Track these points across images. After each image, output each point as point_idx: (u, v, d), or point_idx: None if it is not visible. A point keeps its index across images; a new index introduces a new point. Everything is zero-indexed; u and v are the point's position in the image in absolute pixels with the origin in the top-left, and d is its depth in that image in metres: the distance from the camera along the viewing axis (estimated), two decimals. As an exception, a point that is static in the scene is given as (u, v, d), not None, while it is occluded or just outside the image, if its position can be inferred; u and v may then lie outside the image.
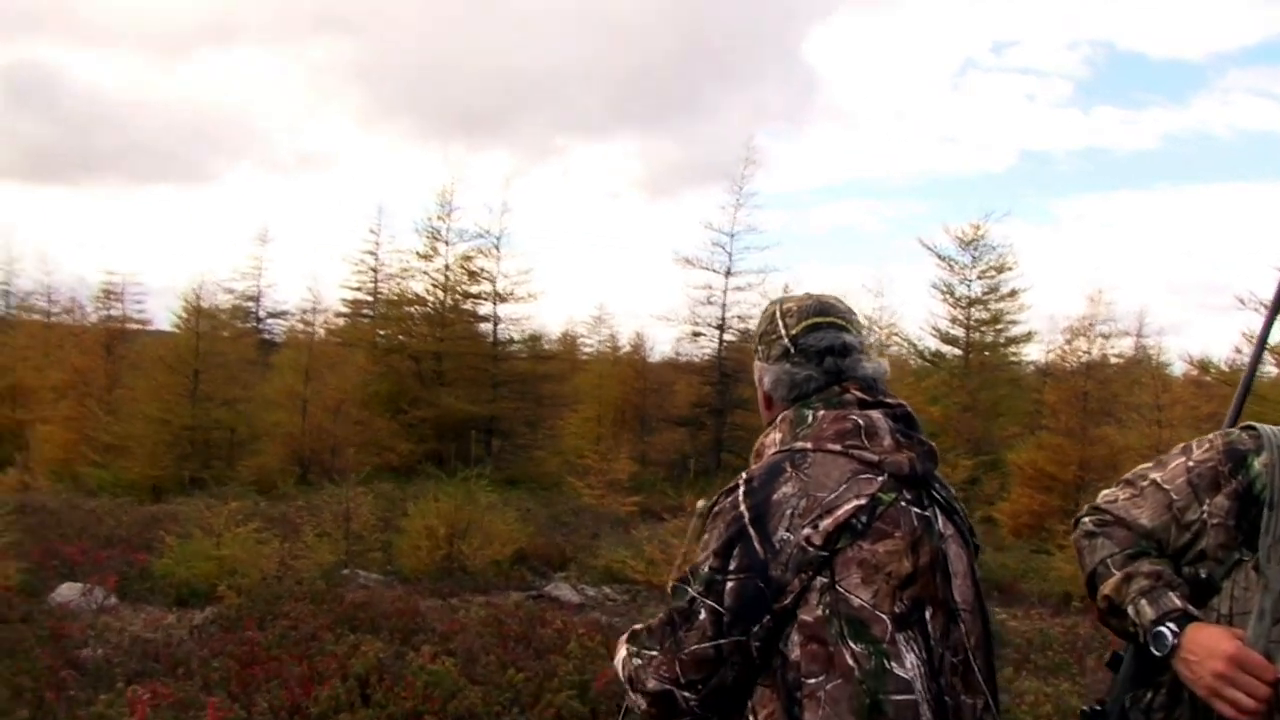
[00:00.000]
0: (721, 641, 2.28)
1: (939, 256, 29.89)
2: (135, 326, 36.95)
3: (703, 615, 2.29)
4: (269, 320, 46.79)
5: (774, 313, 2.61)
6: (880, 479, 2.31)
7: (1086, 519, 2.57)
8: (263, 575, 12.21)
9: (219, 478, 20.93)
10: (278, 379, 29.27)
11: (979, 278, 29.73)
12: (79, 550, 13.72)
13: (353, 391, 28.24)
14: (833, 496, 2.26)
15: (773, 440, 2.47)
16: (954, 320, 30.19)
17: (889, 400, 2.47)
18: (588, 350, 44.81)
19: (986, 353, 30.67)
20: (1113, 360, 27.29)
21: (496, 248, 31.09)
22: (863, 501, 2.26)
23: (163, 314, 28.46)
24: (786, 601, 2.24)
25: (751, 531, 2.26)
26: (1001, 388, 30.04)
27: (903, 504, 2.31)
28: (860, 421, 2.38)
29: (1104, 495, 2.58)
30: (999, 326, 30.49)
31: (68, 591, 11.66)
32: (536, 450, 31.34)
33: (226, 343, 28.61)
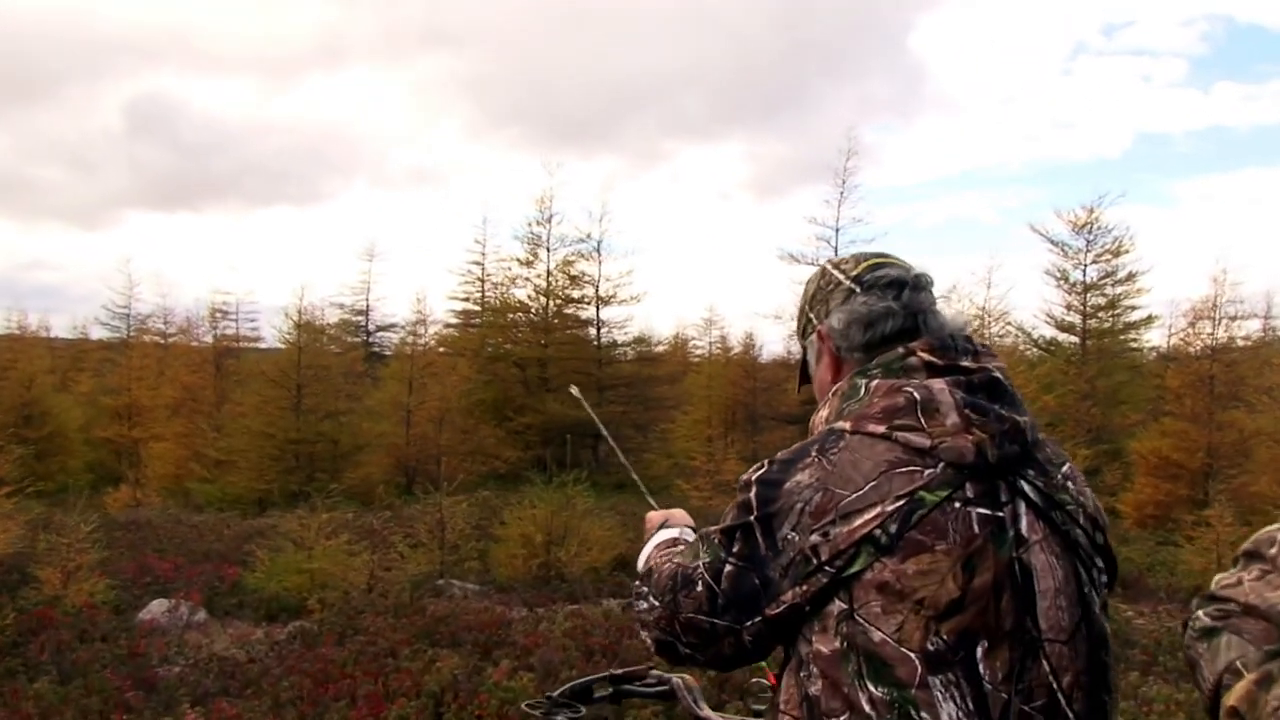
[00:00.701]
0: (716, 621, 1.92)
1: (1051, 242, 28.95)
2: (247, 345, 37.44)
3: (699, 587, 1.94)
4: (378, 334, 47.26)
5: (822, 269, 2.14)
6: (929, 471, 1.77)
7: (1200, 613, 1.85)
8: (348, 589, 11.92)
9: (323, 490, 20.84)
10: (382, 390, 29.35)
11: (1094, 262, 28.72)
12: (172, 566, 13.62)
13: (457, 400, 28.16)
14: (854, 496, 1.77)
15: (820, 419, 2.01)
16: (1069, 306, 29.23)
17: (966, 364, 1.91)
18: (699, 352, 44.52)
19: (1105, 339, 29.62)
20: (1239, 343, 26.16)
21: (598, 251, 30.99)
22: (893, 506, 1.74)
23: (275, 333, 28.52)
24: (779, 610, 1.81)
25: (755, 524, 1.85)
26: (1121, 374, 28.99)
27: (957, 504, 1.76)
28: (916, 395, 1.84)
29: (1220, 580, 1.89)
30: (1116, 311, 29.46)
31: (157, 608, 11.47)
32: (645, 453, 31.07)
33: (330, 356, 28.70)
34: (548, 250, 31.59)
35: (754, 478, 1.88)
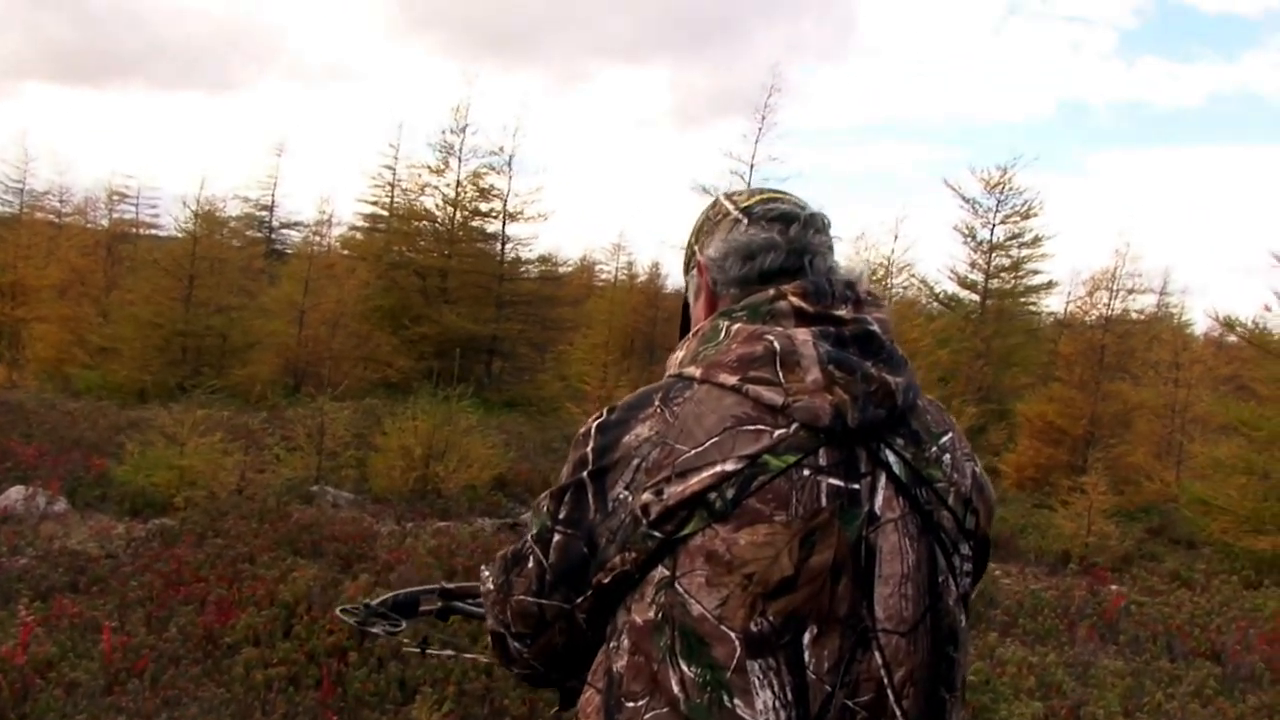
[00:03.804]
0: (544, 601, 1.75)
1: (963, 199, 29.19)
2: (145, 232, 36.48)
3: (530, 563, 1.77)
4: (281, 231, 46.48)
5: (714, 200, 1.94)
6: (780, 432, 1.59)
7: None
8: (216, 489, 11.65)
9: (207, 385, 20.39)
10: (278, 289, 28.80)
11: (1002, 223, 29.03)
12: (36, 452, 13.21)
13: (354, 304, 27.73)
14: (693, 453, 1.59)
15: (674, 360, 1.80)
16: (973, 264, 29.58)
17: (841, 313, 1.70)
18: (605, 276, 44.30)
19: (1005, 300, 30.00)
20: (1133, 316, 26.60)
21: (509, 166, 30.60)
22: (733, 467, 1.57)
23: (175, 221, 27.70)
24: (605, 580, 1.65)
25: (587, 480, 1.67)
26: (1016, 336, 29.41)
27: (806, 471, 1.58)
28: (777, 345, 1.65)
29: None
30: (1019, 274, 29.85)
31: (14, 495, 11.10)
32: (539, 373, 30.96)
33: (227, 249, 27.97)
34: (459, 160, 31.09)
35: (592, 426, 1.71)
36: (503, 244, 31.58)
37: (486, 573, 1.90)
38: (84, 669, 5.96)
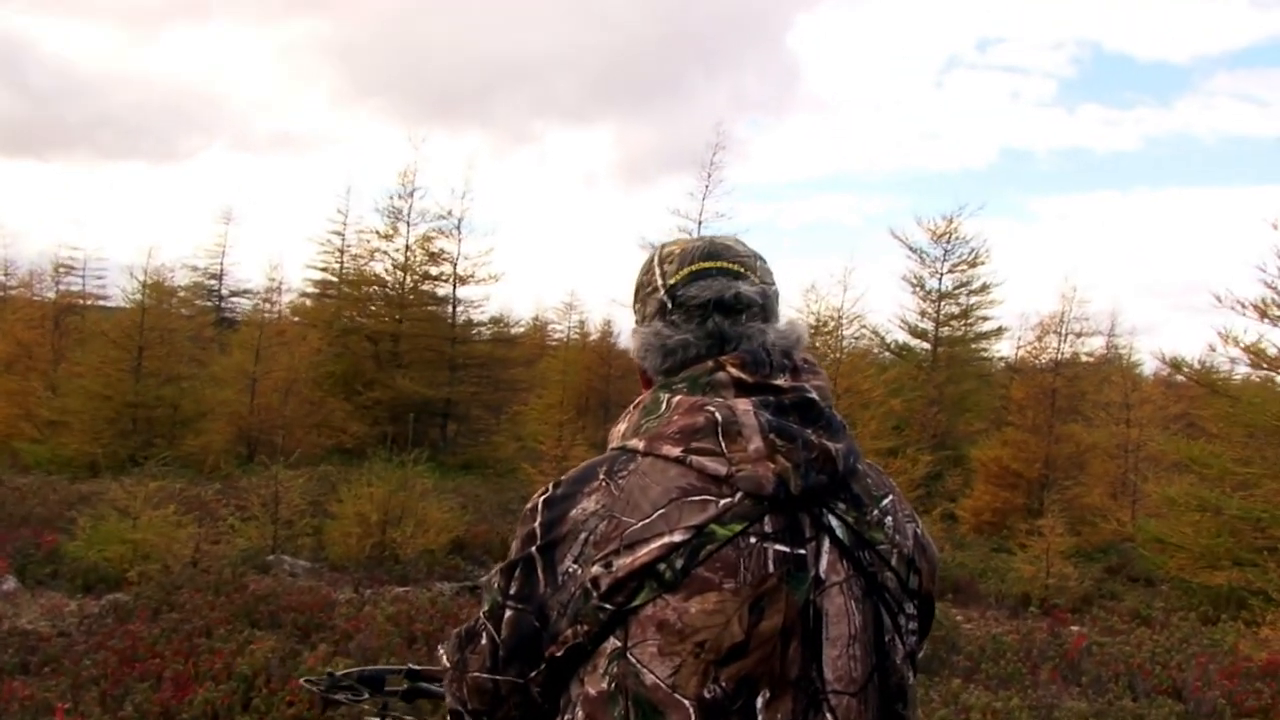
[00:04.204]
0: (499, 677, 1.75)
1: (910, 248, 29.51)
2: (94, 303, 36.18)
3: (483, 640, 1.77)
4: (231, 299, 46.17)
5: (652, 259, 1.94)
6: (724, 501, 1.62)
7: None
8: (171, 562, 11.49)
9: (159, 456, 20.17)
10: (229, 357, 28.60)
11: (950, 271, 29.37)
12: (-17, 530, 13.00)
13: (306, 371, 27.55)
14: (640, 525, 1.61)
15: (616, 433, 1.82)
16: (923, 313, 29.86)
17: (779, 383, 1.74)
18: (558, 335, 44.32)
19: (955, 347, 30.28)
20: (1083, 358, 26.94)
21: (458, 229, 30.63)
22: (681, 538, 1.59)
23: (122, 292, 27.52)
24: (558, 653, 1.66)
25: (536, 555, 1.69)
26: (968, 382, 29.67)
27: (753, 539, 1.61)
28: (718, 416, 1.68)
29: None
30: (969, 321, 30.15)
31: (-37, 575, 10.92)
32: (494, 435, 30.84)
33: (176, 318, 27.88)
34: (408, 225, 31.13)
35: (539, 502, 1.73)
36: (454, 307, 31.56)
37: (442, 651, 1.90)
38: (38, 751, 5.84)
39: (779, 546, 1.62)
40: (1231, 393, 16.81)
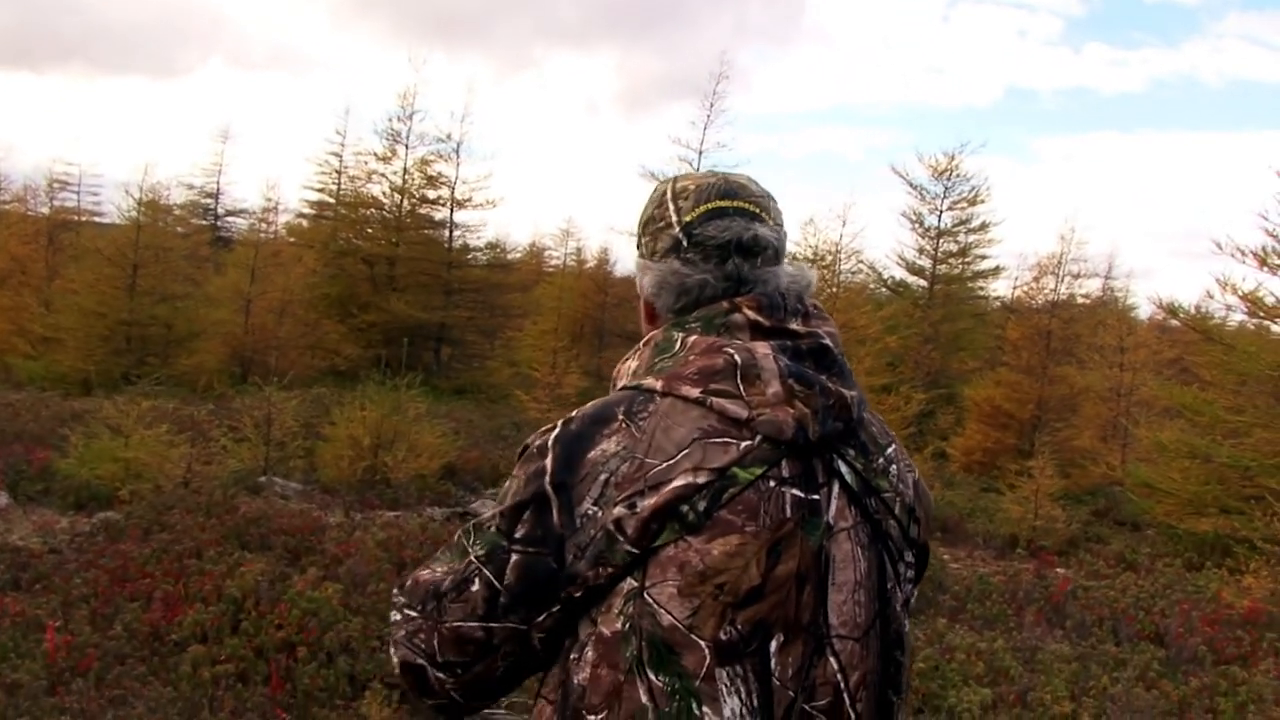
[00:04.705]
0: (493, 625, 1.67)
1: (910, 184, 29.37)
2: (89, 219, 36.03)
3: (476, 586, 1.67)
4: (227, 218, 46.08)
5: (664, 193, 1.86)
6: (744, 444, 1.60)
7: None
8: (162, 481, 11.51)
9: (152, 375, 20.17)
10: (224, 277, 28.55)
11: (950, 209, 29.25)
12: (-26, 445, 13.01)
13: (301, 292, 27.54)
14: (664, 466, 1.59)
15: (626, 370, 1.79)
16: (921, 250, 29.77)
17: (795, 327, 1.72)
18: (554, 262, 44.24)
19: (952, 285, 30.22)
20: (1079, 300, 26.89)
21: (456, 153, 30.48)
22: (703, 479, 1.57)
23: (117, 209, 27.38)
24: (576, 594, 1.62)
25: (551, 495, 1.62)
26: (964, 321, 29.64)
27: (771, 483, 1.60)
28: (737, 359, 1.65)
29: None
30: (967, 259, 30.09)
31: (-46, 489, 10.95)
32: (488, 360, 30.86)
33: (172, 237, 27.80)
34: (406, 148, 30.95)
35: (550, 440, 1.66)
36: (451, 231, 31.46)
37: (400, 597, 1.80)
38: (26, 669, 5.87)
39: (795, 491, 1.62)
40: (1226, 340, 16.79)
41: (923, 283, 29.83)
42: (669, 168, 29.68)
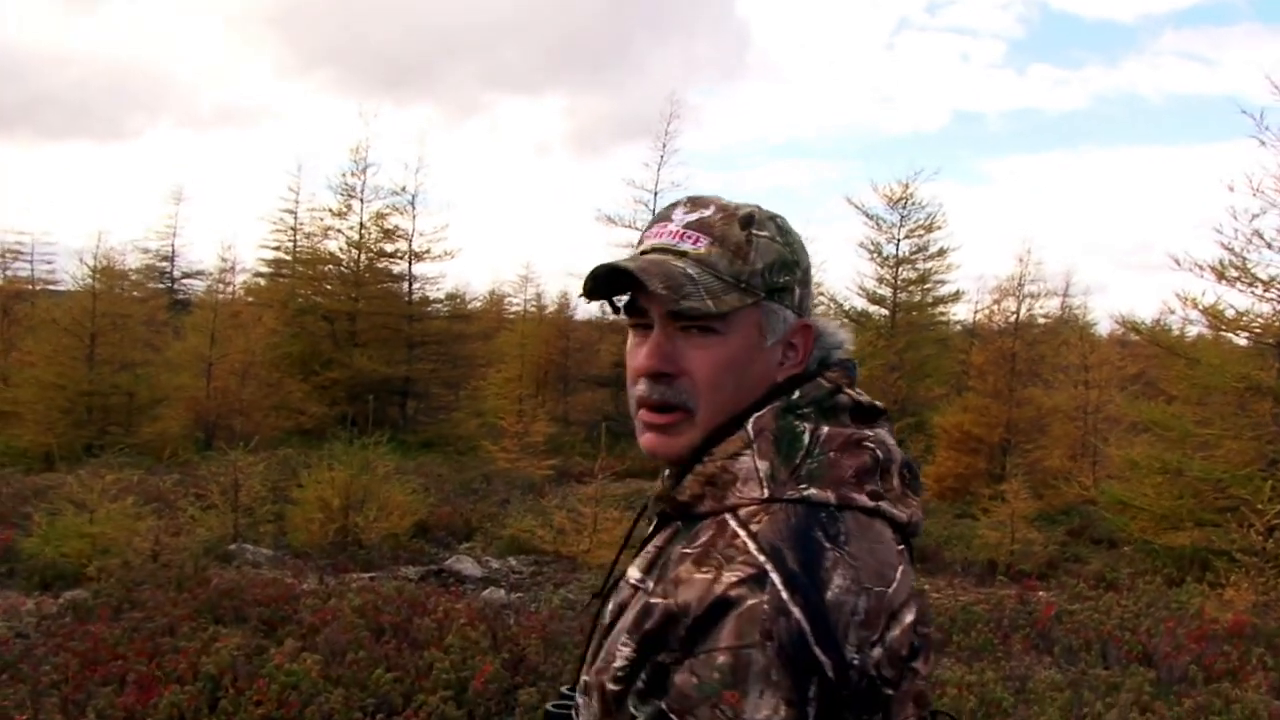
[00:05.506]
0: None
1: (866, 214, 29.45)
2: (43, 288, 35.70)
3: None
4: (184, 281, 45.78)
5: (785, 229, 1.59)
6: (900, 548, 1.47)
7: None
8: (130, 556, 11.29)
9: (117, 445, 19.86)
10: (184, 341, 28.23)
11: (906, 237, 29.32)
12: (-65, 528, 12.75)
13: (262, 353, 27.26)
14: (892, 591, 1.40)
15: (747, 470, 1.46)
16: (881, 280, 29.81)
17: (873, 401, 1.56)
18: (514, 309, 44.18)
19: (914, 312, 30.29)
20: (1040, 320, 27.04)
21: (412, 204, 30.40)
22: (917, 600, 1.44)
23: (72, 277, 27.13)
24: None
25: (820, 655, 1.32)
26: (928, 348, 29.72)
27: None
28: (879, 454, 1.48)
29: None
30: (926, 286, 30.16)
31: (-83, 575, 10.71)
32: (454, 412, 30.68)
33: (129, 303, 27.45)
34: (361, 202, 30.82)
35: (778, 587, 1.34)
36: (410, 284, 31.32)
37: None
38: (0, 764, 5.71)
39: None
40: (1190, 354, 16.87)
41: (884, 312, 29.89)
42: (625, 210, 29.75)
